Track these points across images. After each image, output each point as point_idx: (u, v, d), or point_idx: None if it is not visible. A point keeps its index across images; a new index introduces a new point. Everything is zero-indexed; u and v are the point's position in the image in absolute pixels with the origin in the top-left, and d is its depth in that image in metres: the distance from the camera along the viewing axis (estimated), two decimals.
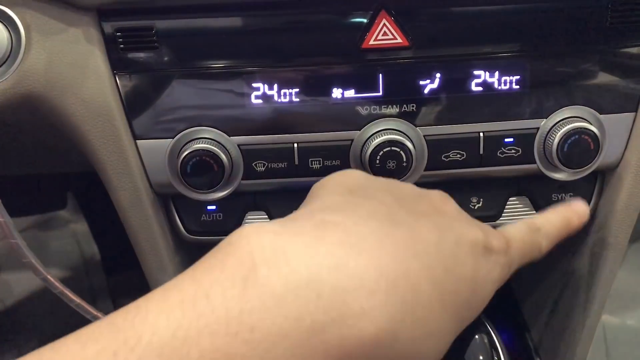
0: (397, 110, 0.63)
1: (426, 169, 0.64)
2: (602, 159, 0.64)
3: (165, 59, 0.61)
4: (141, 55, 0.61)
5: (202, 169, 0.61)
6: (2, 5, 0.58)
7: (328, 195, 0.47)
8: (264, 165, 0.64)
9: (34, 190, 1.36)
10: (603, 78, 0.63)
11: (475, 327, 0.59)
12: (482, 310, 0.58)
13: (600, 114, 0.64)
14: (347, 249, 0.39)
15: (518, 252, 0.51)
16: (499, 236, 0.49)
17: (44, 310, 1.33)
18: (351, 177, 0.50)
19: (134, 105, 0.62)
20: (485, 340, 0.56)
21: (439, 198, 0.50)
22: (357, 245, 0.40)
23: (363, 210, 0.43)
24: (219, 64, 0.62)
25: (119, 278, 1.45)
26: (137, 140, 0.63)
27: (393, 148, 0.61)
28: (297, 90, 0.62)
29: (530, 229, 0.53)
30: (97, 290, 1.44)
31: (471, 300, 0.46)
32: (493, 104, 0.63)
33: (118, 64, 0.61)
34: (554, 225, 0.56)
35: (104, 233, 1.48)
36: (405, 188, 0.50)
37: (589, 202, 0.69)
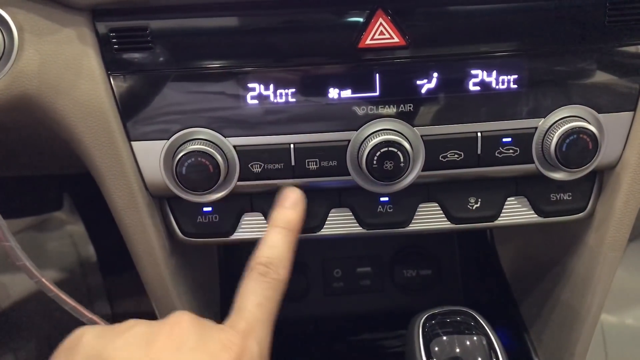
0: (394, 110, 0.62)
1: (423, 169, 0.64)
2: (601, 159, 0.63)
3: (160, 59, 0.61)
4: (135, 55, 0.61)
5: (198, 170, 0.61)
6: None
7: None
8: (260, 166, 0.63)
9: (30, 192, 1.36)
10: (601, 77, 0.62)
11: (473, 328, 0.58)
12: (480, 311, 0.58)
13: (599, 113, 0.63)
14: None
15: (262, 324, 0.52)
16: (230, 341, 0.50)
17: (40, 313, 1.32)
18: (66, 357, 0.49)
19: (129, 106, 0.62)
20: (484, 342, 0.56)
21: (167, 334, 0.49)
22: None
23: None
24: (214, 64, 0.61)
25: (116, 279, 1.44)
26: (131, 142, 0.63)
27: (390, 148, 0.60)
28: (293, 90, 0.62)
29: (263, 275, 0.55)
30: (94, 292, 1.43)
31: None
32: (490, 103, 0.63)
33: (112, 65, 0.61)
34: (281, 245, 0.57)
35: (100, 234, 1.47)
36: (128, 345, 0.49)
37: (587, 202, 0.69)
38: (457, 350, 0.56)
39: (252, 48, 0.61)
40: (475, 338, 0.57)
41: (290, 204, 0.61)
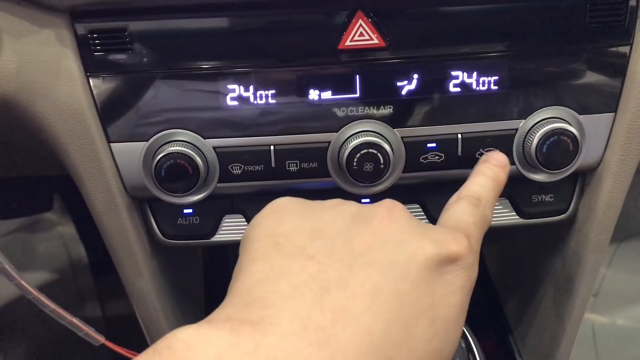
0: (375, 111, 0.62)
1: (404, 171, 0.63)
2: (582, 160, 0.63)
3: (139, 60, 0.60)
4: (114, 57, 0.60)
5: (177, 172, 0.60)
6: None
7: (251, 263, 0.42)
8: (240, 168, 0.63)
9: (20, 193, 1.35)
10: (582, 78, 0.62)
11: None
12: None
13: (580, 114, 0.63)
14: (262, 355, 0.36)
15: (477, 239, 0.47)
16: (457, 236, 0.45)
17: (30, 314, 1.31)
18: (278, 220, 0.45)
19: (108, 107, 0.62)
20: (462, 345, 0.56)
21: (385, 215, 0.45)
22: (275, 346, 0.36)
23: (286, 287, 0.39)
24: (193, 65, 0.61)
25: (107, 280, 1.44)
26: (110, 144, 0.63)
27: (370, 150, 0.60)
28: (273, 91, 0.61)
29: (475, 205, 0.50)
30: (84, 293, 1.43)
31: (436, 328, 0.41)
32: (471, 105, 0.62)
33: (91, 66, 0.61)
34: (489, 190, 0.53)
35: (91, 235, 1.47)
36: (340, 219, 0.45)
37: (569, 203, 0.69)
38: None
39: (231, 49, 0.61)
40: None
41: (501, 164, 0.56)
